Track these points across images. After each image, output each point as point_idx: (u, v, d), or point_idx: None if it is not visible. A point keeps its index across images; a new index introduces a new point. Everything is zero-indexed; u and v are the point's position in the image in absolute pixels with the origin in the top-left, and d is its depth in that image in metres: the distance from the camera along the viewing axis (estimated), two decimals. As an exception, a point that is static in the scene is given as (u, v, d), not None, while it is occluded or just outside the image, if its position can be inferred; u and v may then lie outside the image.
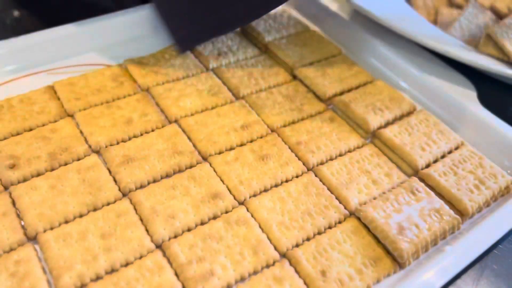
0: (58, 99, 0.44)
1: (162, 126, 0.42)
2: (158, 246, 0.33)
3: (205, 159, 0.40)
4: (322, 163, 0.40)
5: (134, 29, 0.54)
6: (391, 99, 0.47)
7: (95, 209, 0.35)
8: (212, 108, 0.45)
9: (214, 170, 0.39)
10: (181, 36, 0.41)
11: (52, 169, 0.38)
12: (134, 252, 0.32)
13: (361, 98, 0.47)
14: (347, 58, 0.52)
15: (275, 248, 0.34)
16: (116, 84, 0.46)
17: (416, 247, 0.34)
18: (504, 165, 0.43)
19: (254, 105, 0.45)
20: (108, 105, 0.43)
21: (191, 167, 0.39)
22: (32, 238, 0.33)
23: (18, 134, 0.40)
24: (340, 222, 0.36)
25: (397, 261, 0.34)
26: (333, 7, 0.59)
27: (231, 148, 0.41)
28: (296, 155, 0.41)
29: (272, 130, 0.43)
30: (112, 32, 0.53)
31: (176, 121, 0.43)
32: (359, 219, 0.36)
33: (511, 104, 0.50)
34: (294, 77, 0.50)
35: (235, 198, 0.37)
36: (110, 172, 0.38)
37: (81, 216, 0.35)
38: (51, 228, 0.34)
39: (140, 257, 0.33)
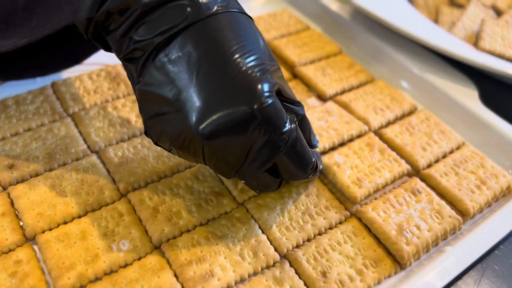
0: (57, 99, 0.44)
1: (162, 126, 0.42)
2: (158, 247, 0.33)
3: (205, 159, 0.40)
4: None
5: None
6: (391, 98, 0.47)
7: (94, 210, 0.35)
8: (212, 107, 0.45)
9: (214, 170, 0.38)
10: None
11: (51, 170, 0.37)
12: (134, 252, 0.32)
13: (361, 97, 0.46)
14: (347, 57, 0.52)
15: (275, 249, 0.34)
16: (114, 84, 0.46)
17: (417, 248, 0.34)
18: (506, 165, 0.43)
19: (254, 104, 0.45)
20: (106, 105, 0.43)
21: (190, 167, 0.39)
22: (31, 239, 0.33)
23: (16, 134, 0.40)
24: (340, 223, 0.36)
25: (398, 262, 0.34)
26: (333, 6, 0.59)
27: (231, 148, 0.41)
28: (297, 155, 0.41)
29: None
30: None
31: (175, 120, 0.43)
32: (359, 219, 0.36)
33: (512, 103, 0.50)
34: (294, 76, 0.50)
35: (235, 199, 0.37)
36: (109, 172, 0.38)
37: (80, 216, 0.34)
38: (50, 229, 0.33)
39: (140, 258, 0.32)
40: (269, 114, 0.28)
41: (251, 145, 0.28)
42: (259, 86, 0.28)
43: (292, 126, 0.29)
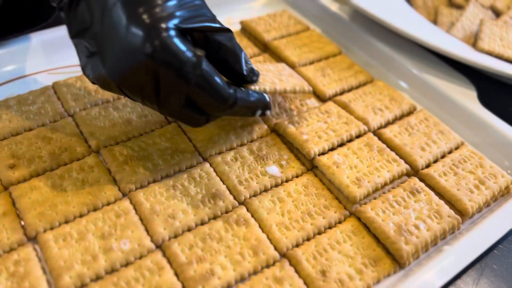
0: (58, 99, 0.44)
1: (162, 126, 0.42)
2: (158, 246, 0.33)
3: (205, 159, 0.40)
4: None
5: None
6: (391, 99, 0.47)
7: (95, 209, 0.35)
8: (212, 108, 0.45)
9: (214, 170, 0.39)
10: None
11: (52, 169, 0.38)
12: (134, 252, 0.32)
13: (361, 98, 0.47)
14: (347, 58, 0.52)
15: (275, 248, 0.34)
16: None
17: (416, 247, 0.34)
18: (504, 165, 0.43)
19: (254, 105, 0.45)
20: (107, 105, 0.43)
21: (191, 167, 0.39)
22: (32, 238, 0.33)
23: (18, 134, 0.40)
24: (340, 222, 0.36)
25: (397, 261, 0.34)
26: (333, 7, 0.59)
27: (231, 148, 0.41)
28: (296, 155, 0.41)
29: (272, 130, 0.43)
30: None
31: (176, 121, 0.43)
32: (359, 219, 0.36)
33: (511, 104, 0.50)
34: (294, 77, 0.50)
35: (235, 198, 0.37)
36: (110, 172, 0.38)
37: (81, 216, 0.35)
38: (51, 228, 0.34)
39: (140, 257, 0.33)
40: (166, 54, 0.29)
41: (157, 84, 0.30)
42: (162, 25, 0.29)
43: (196, 60, 0.30)
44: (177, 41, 0.29)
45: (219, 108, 0.33)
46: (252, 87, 0.36)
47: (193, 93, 0.31)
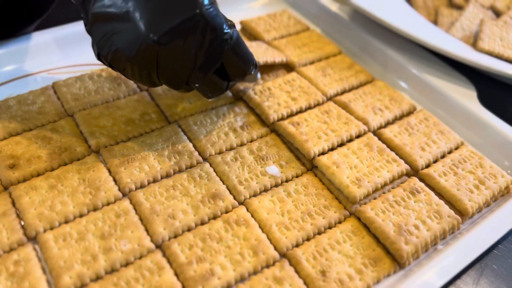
0: (58, 99, 0.44)
1: (162, 127, 0.42)
2: (158, 246, 0.33)
3: (205, 159, 0.40)
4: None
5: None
6: (391, 99, 0.47)
7: (95, 209, 0.35)
8: (212, 108, 0.45)
9: (214, 170, 0.39)
10: None
11: (52, 169, 0.38)
12: (134, 252, 0.32)
13: (360, 98, 0.47)
14: (347, 57, 0.52)
15: (275, 248, 0.34)
16: (115, 84, 0.46)
17: (416, 247, 0.34)
18: (504, 165, 0.43)
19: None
20: (107, 105, 0.43)
21: (191, 167, 0.39)
22: (32, 238, 0.33)
23: (18, 134, 0.40)
24: (340, 222, 0.36)
25: (397, 261, 0.34)
26: (333, 7, 0.59)
27: (231, 148, 0.41)
28: (296, 155, 0.41)
29: (272, 130, 0.43)
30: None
31: (176, 121, 0.43)
32: (359, 219, 0.36)
33: (511, 104, 0.50)
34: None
35: (235, 198, 0.37)
36: (110, 172, 0.38)
37: (81, 216, 0.35)
38: (51, 228, 0.34)
39: (140, 257, 0.33)
40: (212, 16, 0.32)
41: (199, 46, 0.32)
42: (205, 1, 0.32)
43: (233, 30, 0.34)
44: (219, 14, 0.33)
45: (246, 72, 0.38)
46: None
47: (228, 58, 0.35)
